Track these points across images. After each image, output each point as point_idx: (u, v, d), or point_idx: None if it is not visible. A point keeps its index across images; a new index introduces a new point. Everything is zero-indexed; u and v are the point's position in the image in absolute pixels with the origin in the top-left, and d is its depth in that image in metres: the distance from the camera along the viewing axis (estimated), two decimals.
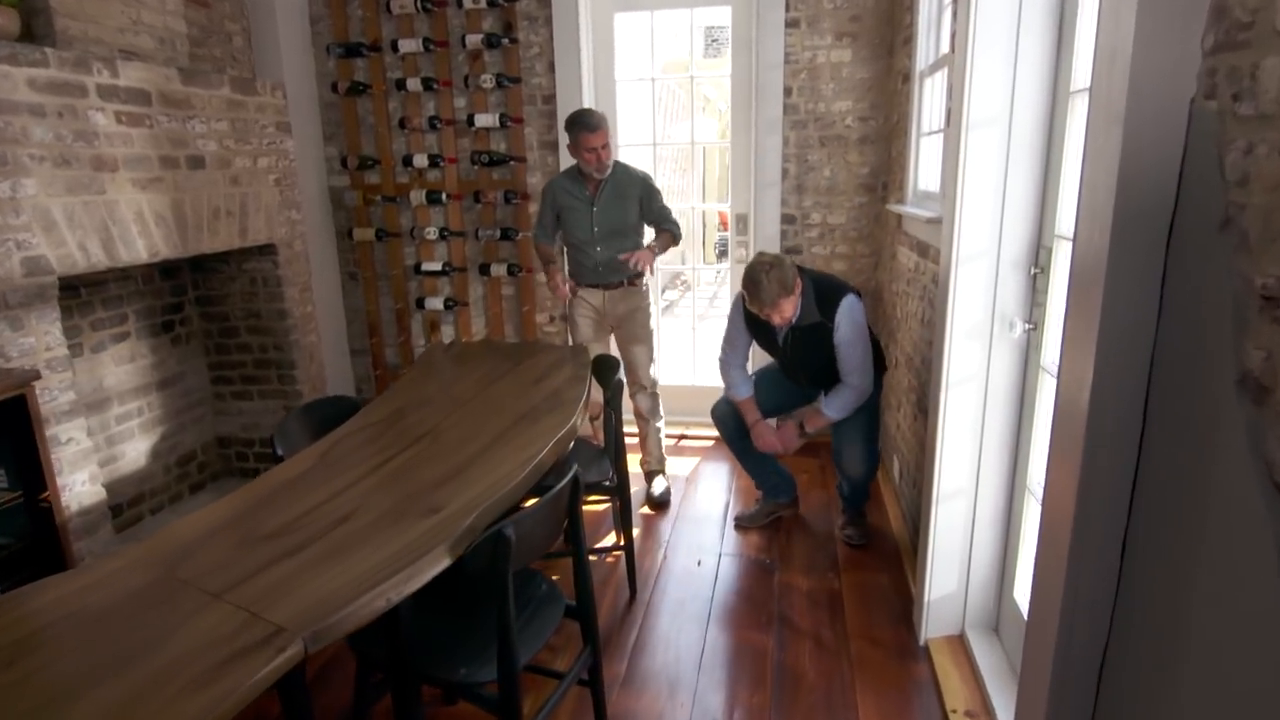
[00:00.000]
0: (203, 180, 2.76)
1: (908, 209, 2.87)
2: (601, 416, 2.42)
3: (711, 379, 4.10)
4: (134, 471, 3.02)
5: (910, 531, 2.71)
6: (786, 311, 2.47)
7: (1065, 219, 1.73)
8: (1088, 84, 1.67)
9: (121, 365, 2.97)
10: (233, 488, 1.65)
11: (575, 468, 1.61)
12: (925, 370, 2.54)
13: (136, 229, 2.49)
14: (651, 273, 2.97)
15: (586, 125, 2.76)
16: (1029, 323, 1.87)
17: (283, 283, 3.20)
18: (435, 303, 3.85)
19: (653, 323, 3.09)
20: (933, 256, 2.46)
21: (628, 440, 3.73)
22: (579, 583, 1.70)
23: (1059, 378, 1.22)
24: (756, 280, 2.41)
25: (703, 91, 7.79)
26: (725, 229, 10.44)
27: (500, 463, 1.66)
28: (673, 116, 9.27)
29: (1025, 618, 1.90)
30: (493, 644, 1.42)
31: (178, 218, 2.64)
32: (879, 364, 2.68)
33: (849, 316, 2.51)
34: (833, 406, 2.58)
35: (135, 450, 3.02)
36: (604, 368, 2.46)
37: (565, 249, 3.10)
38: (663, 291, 8.40)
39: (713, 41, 7.82)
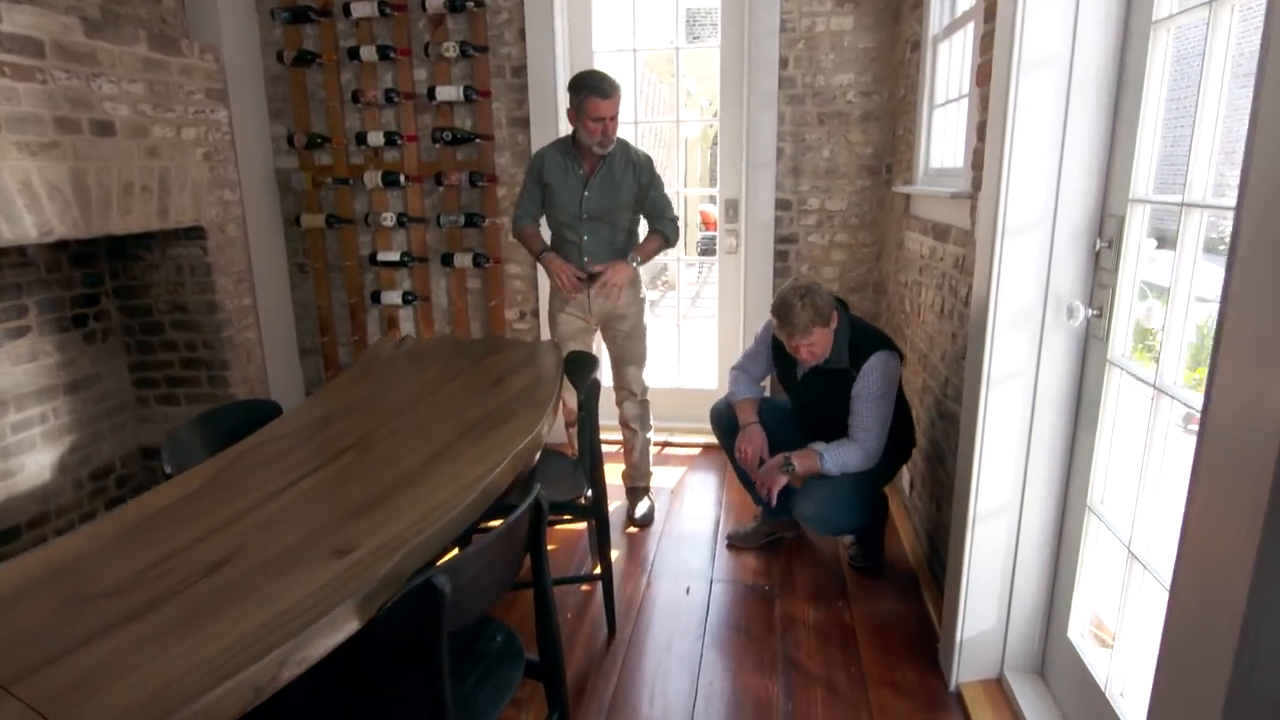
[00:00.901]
0: (112, 149, 2.37)
1: (919, 188, 2.55)
2: (577, 424, 2.07)
3: (697, 381, 3.77)
4: (36, 487, 2.62)
5: (927, 551, 2.38)
6: (817, 347, 2.13)
7: (1142, 179, 1.41)
8: (1176, 9, 1.37)
9: (19, 365, 2.57)
10: None
11: (538, 488, 1.25)
12: (944, 366, 2.21)
13: (23, 202, 2.09)
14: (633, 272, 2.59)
15: (598, 90, 2.33)
16: (1092, 308, 1.54)
17: (213, 271, 2.81)
18: (393, 296, 3.47)
19: (646, 319, 2.72)
20: (955, 238, 2.14)
21: (608, 450, 3.38)
22: (543, 633, 1.35)
23: (1209, 396, 0.89)
24: (789, 304, 2.07)
25: (685, 86, 7.49)
26: (711, 229, 10.15)
27: (440, 485, 1.30)
28: (654, 110, 8.96)
29: (1084, 662, 1.58)
30: None
31: (78, 191, 2.25)
32: (903, 439, 2.31)
33: (880, 371, 2.14)
34: (831, 456, 2.18)
35: (37, 463, 2.62)
36: (578, 364, 2.11)
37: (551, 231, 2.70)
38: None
39: (694, 24, 7.53)
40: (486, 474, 1.33)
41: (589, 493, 2.02)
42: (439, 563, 1.05)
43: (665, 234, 2.60)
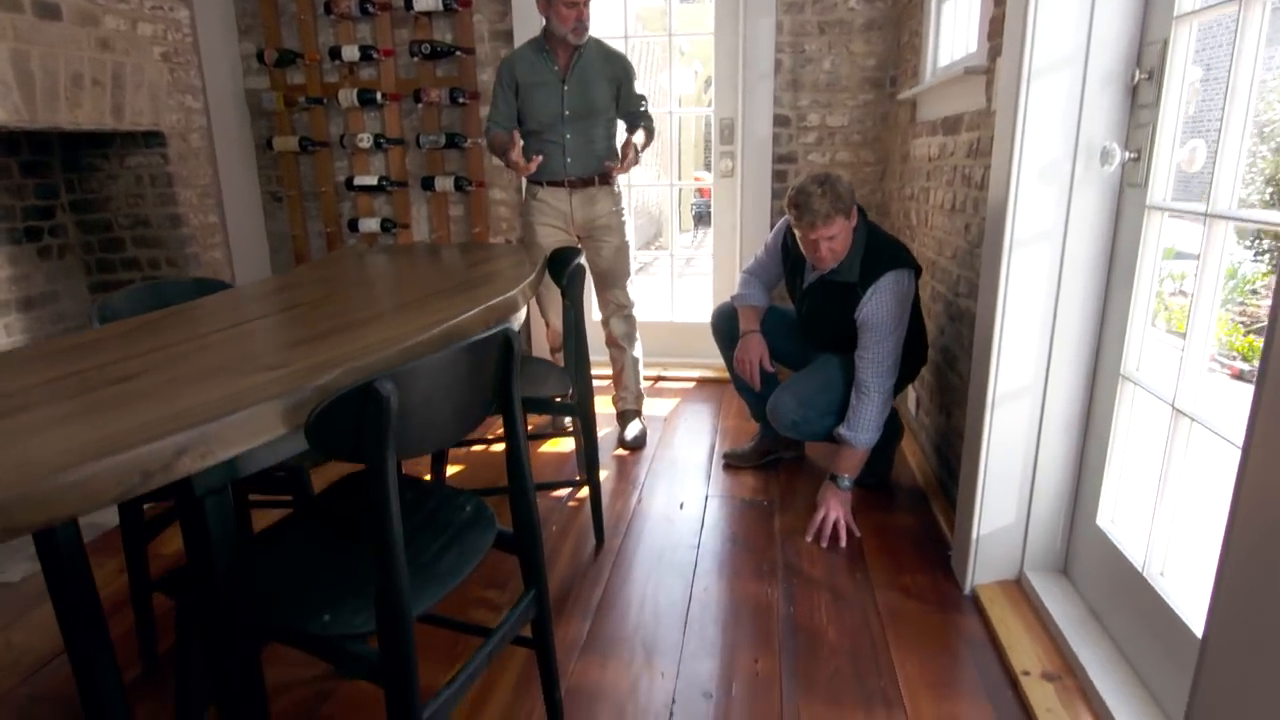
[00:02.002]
0: (57, 35, 2.19)
1: (927, 84, 2.39)
2: (562, 348, 1.91)
3: (691, 315, 3.61)
4: None
5: (936, 468, 2.24)
6: (837, 241, 1.93)
7: None
8: None
9: None
10: None
11: (507, 325, 1.10)
12: (956, 265, 2.06)
13: None
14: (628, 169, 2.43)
15: None
16: (1129, 150, 1.39)
17: (174, 182, 2.64)
18: (371, 224, 3.30)
19: (628, 232, 2.56)
20: (968, 125, 1.98)
21: (597, 384, 3.23)
22: (516, 499, 1.19)
23: None
24: (807, 193, 1.89)
25: (677, 44, 7.28)
26: (705, 195, 9.97)
27: (399, 325, 1.14)
28: (647, 70, 8.76)
29: (1117, 547, 1.43)
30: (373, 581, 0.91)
31: (20, 76, 2.07)
32: (913, 359, 2.12)
33: (891, 295, 1.93)
34: (861, 433, 1.98)
35: None
36: (559, 258, 1.94)
37: (524, 141, 2.54)
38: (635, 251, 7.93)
39: None
40: (452, 317, 1.17)
41: (572, 392, 1.87)
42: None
43: (647, 125, 2.44)
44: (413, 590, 1.00)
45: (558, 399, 1.87)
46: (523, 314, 1.65)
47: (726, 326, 2.29)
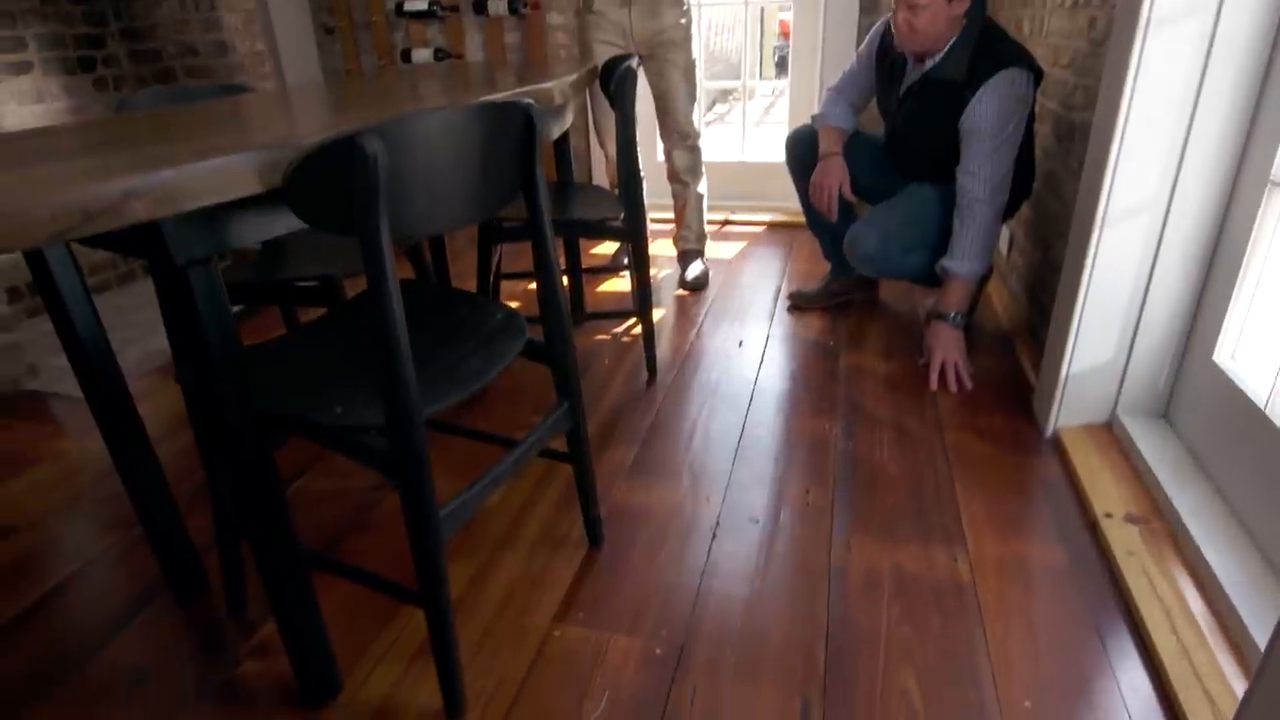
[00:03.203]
0: None
1: None
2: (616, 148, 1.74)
3: (764, 154, 3.34)
4: None
5: (1027, 310, 2.03)
6: (922, 17, 1.65)
7: None
8: None
9: (26, 105, 2.39)
10: None
11: (530, 102, 0.96)
12: (1072, 73, 1.75)
13: None
14: None
15: None
16: None
17: (217, 5, 2.51)
18: (424, 54, 3.12)
19: (695, 49, 2.31)
20: None
21: (656, 227, 3.07)
22: (546, 301, 1.10)
23: None
24: None
25: None
26: (786, 38, 9.15)
27: (430, 100, 1.01)
28: None
29: (1235, 384, 1.25)
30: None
31: None
32: (1022, 187, 1.84)
33: (1004, 95, 1.65)
34: (966, 261, 1.77)
35: None
36: (609, 67, 1.75)
37: None
38: (711, 105, 7.41)
39: None
40: (488, 93, 1.04)
41: (623, 216, 1.73)
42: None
43: None
44: (433, 390, 0.94)
45: (609, 221, 1.74)
46: (567, 119, 1.50)
47: (802, 151, 2.06)
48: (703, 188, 2.48)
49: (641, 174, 2.06)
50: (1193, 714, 0.94)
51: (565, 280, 2.20)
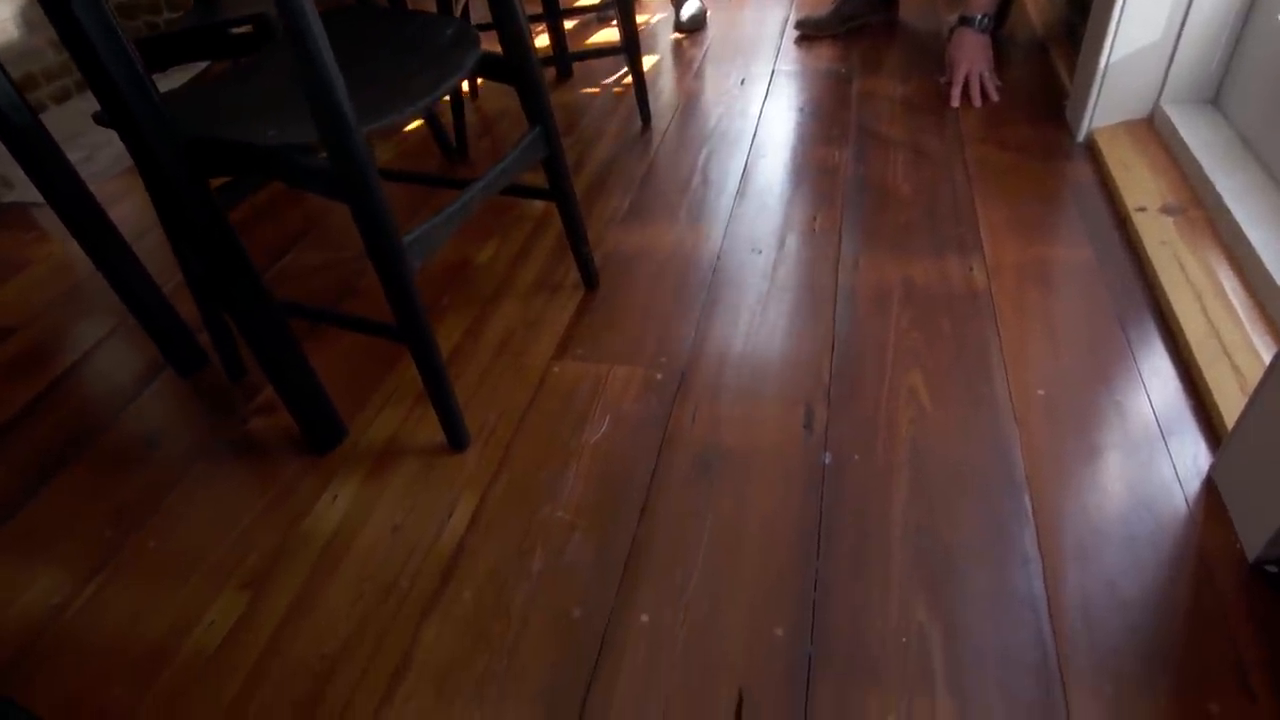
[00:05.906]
0: None
1: None
2: None
3: None
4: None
5: (1065, 10, 1.79)
6: None
7: None
8: None
9: None
10: None
11: None
12: None
13: None
14: None
15: None
16: None
17: None
18: None
19: None
20: None
21: None
22: (499, 2, 0.95)
23: None
24: None
25: None
26: None
27: None
28: None
29: None
30: None
31: None
32: None
33: None
34: None
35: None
36: None
37: None
38: None
39: None
40: None
41: None
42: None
43: None
44: (380, 107, 0.84)
45: None
46: None
47: None
48: None
49: None
50: (1218, 389, 0.90)
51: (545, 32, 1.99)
